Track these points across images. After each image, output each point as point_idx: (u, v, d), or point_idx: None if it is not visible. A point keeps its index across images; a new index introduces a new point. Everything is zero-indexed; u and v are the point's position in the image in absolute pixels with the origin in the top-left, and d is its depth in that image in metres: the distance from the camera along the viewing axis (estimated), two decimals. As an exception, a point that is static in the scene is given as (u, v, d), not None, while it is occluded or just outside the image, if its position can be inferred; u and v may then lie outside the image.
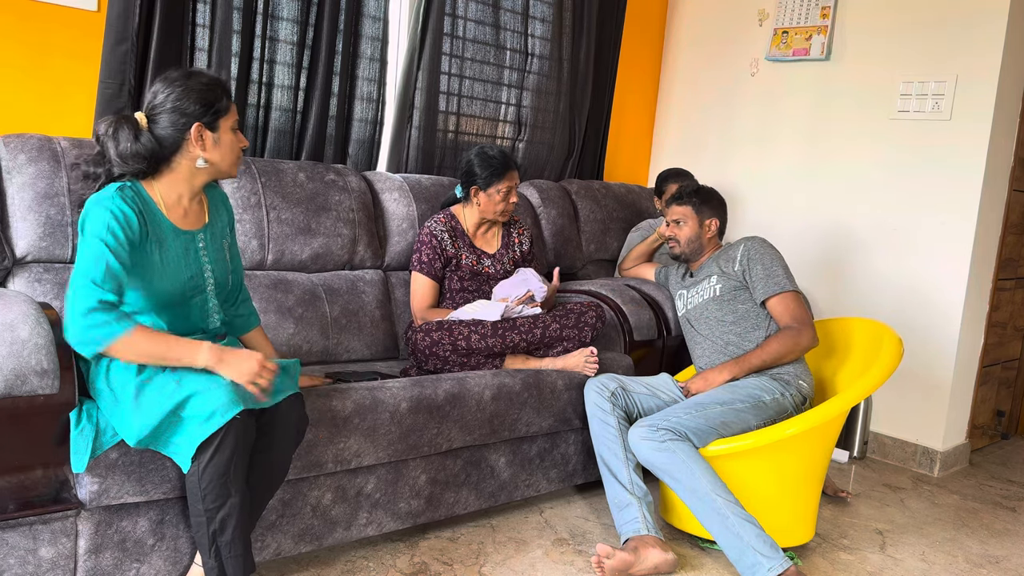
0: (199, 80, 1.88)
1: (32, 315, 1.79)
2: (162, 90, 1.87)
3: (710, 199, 2.86)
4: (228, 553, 1.80)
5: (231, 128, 1.93)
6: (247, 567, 1.83)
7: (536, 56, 3.77)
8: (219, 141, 1.91)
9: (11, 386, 1.70)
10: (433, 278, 2.84)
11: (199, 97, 1.86)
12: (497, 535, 2.56)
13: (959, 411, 3.60)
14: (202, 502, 1.77)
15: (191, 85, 1.87)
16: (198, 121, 1.86)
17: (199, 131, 1.87)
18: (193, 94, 1.86)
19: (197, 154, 1.89)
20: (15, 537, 1.74)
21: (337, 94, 3.12)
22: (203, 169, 1.92)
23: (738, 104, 4.13)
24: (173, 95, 1.86)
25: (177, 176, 1.92)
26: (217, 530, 1.78)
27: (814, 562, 2.57)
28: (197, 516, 1.79)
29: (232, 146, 1.94)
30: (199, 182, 1.95)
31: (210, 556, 1.80)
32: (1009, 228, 3.64)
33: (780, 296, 2.64)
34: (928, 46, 3.49)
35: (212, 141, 1.90)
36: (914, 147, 3.54)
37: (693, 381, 2.66)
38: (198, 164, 1.90)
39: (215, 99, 1.88)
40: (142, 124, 1.87)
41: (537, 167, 3.87)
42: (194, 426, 1.75)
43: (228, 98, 1.91)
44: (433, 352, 2.57)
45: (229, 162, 1.95)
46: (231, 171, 1.97)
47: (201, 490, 1.76)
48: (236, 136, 1.95)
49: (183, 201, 1.95)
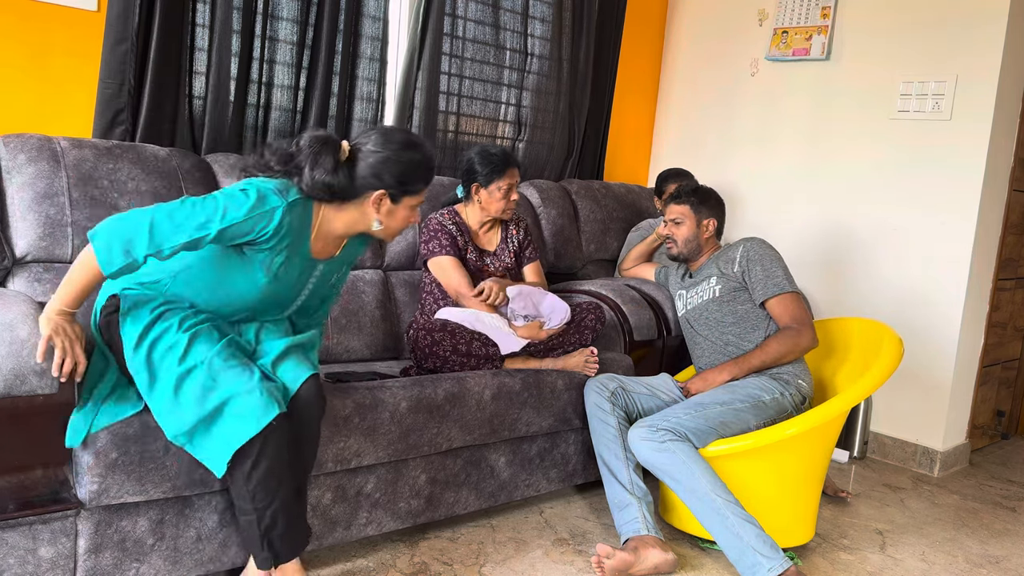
0: (411, 155, 1.93)
1: (32, 315, 1.79)
2: (377, 142, 1.92)
3: (708, 199, 2.86)
4: (280, 544, 1.87)
5: (412, 207, 1.99)
6: (299, 546, 1.91)
7: (536, 56, 3.77)
8: (393, 214, 1.97)
9: (11, 386, 1.70)
10: (459, 257, 2.82)
11: (400, 171, 1.92)
12: (497, 535, 2.56)
13: (959, 411, 3.60)
14: (251, 502, 1.83)
15: (401, 157, 1.91)
16: (385, 190, 1.91)
17: (380, 197, 1.92)
18: (397, 166, 1.91)
19: (370, 213, 1.94)
20: (15, 537, 1.74)
21: (337, 94, 3.12)
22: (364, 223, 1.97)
23: (738, 104, 4.13)
24: (382, 155, 1.90)
25: (343, 215, 1.95)
26: (269, 525, 1.84)
27: (814, 562, 2.57)
28: (246, 515, 1.84)
29: (403, 222, 2.00)
30: (357, 231, 2.00)
31: (263, 549, 1.86)
32: (1009, 228, 3.64)
33: (779, 297, 2.64)
34: (928, 46, 3.49)
35: (386, 210, 1.95)
36: (914, 147, 3.54)
37: (693, 382, 2.66)
38: (372, 227, 1.96)
39: (411, 180, 1.93)
40: (344, 155, 1.90)
41: (537, 167, 3.87)
42: (230, 431, 1.79)
43: (425, 182, 1.96)
44: (433, 352, 2.57)
45: (391, 233, 2.03)
46: (386, 238, 2.06)
47: (249, 492, 1.82)
48: (412, 213, 2.00)
49: (330, 237, 1.98)
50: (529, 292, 2.78)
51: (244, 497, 1.83)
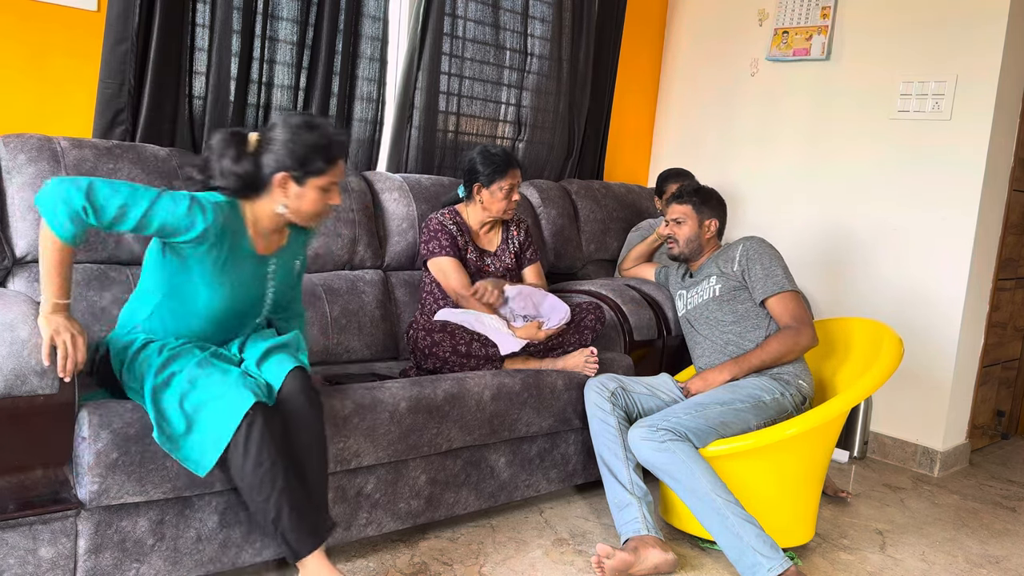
0: (312, 136, 1.95)
1: (32, 315, 1.79)
2: (277, 128, 1.96)
3: (710, 199, 2.86)
4: (292, 535, 1.88)
5: (320, 188, 1.98)
6: (316, 539, 1.91)
7: (536, 56, 3.77)
8: (303, 196, 1.97)
9: (11, 386, 1.70)
10: (458, 258, 2.83)
11: (299, 152, 1.93)
12: (497, 535, 2.56)
13: (959, 411, 3.60)
14: (251, 496, 1.86)
15: (302, 138, 1.94)
16: (286, 172, 1.94)
17: (283, 179, 1.95)
18: (295, 147, 1.93)
19: (279, 198, 1.97)
20: (15, 537, 1.74)
21: (337, 94, 3.12)
22: (281, 214, 1.99)
23: (738, 104, 4.13)
24: (281, 139, 1.94)
25: (264, 206, 2.00)
26: (275, 517, 1.86)
27: (814, 562, 2.57)
28: (255, 510, 1.88)
29: (314, 204, 1.99)
30: (283, 221, 2.03)
31: (280, 542, 1.90)
32: (1009, 228, 3.64)
33: (779, 296, 2.64)
34: (928, 46, 3.49)
35: (294, 193, 1.97)
36: (914, 147, 3.54)
37: (692, 382, 2.66)
38: (277, 209, 1.99)
39: (310, 160, 1.94)
40: (251, 146, 1.95)
41: (537, 167, 3.87)
42: (212, 433, 1.83)
43: (328, 161, 1.96)
44: (433, 352, 2.57)
45: (305, 218, 2.02)
46: (306, 223, 2.06)
47: (247, 487, 1.85)
48: (323, 195, 1.99)
49: (267, 231, 2.03)
50: (529, 292, 2.79)
51: (246, 492, 1.87)
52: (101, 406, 1.85)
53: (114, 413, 1.83)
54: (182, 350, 1.94)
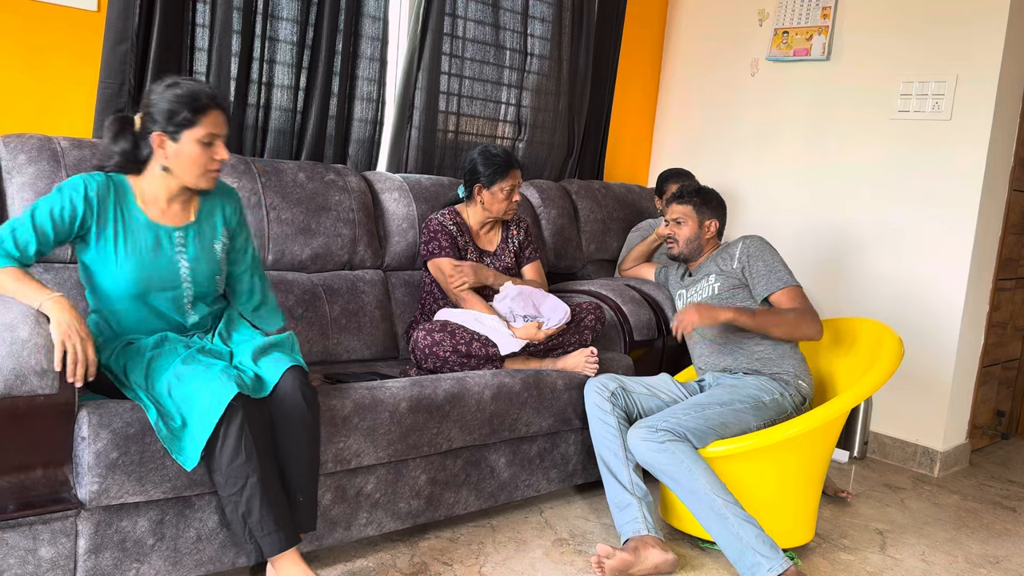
0: (175, 91, 1.94)
1: (32, 315, 1.79)
2: (150, 94, 1.97)
3: (710, 200, 2.86)
4: (261, 532, 1.88)
5: (198, 140, 1.94)
6: (286, 539, 1.90)
7: (536, 56, 3.77)
8: (180, 153, 1.95)
9: (11, 386, 1.70)
10: (457, 259, 2.82)
11: (164, 108, 1.93)
12: (497, 535, 2.56)
13: (959, 411, 3.60)
14: (224, 488, 1.86)
15: (164, 95, 1.94)
16: (160, 131, 1.93)
17: (160, 139, 1.94)
18: (161, 103, 1.93)
19: (160, 159, 1.97)
20: (15, 537, 1.74)
21: (337, 94, 3.12)
22: (168, 176, 1.99)
23: (738, 104, 4.13)
24: (147, 104, 1.96)
25: (152, 176, 2.00)
26: (245, 512, 1.86)
27: (814, 562, 2.57)
28: (226, 504, 1.88)
29: (195, 159, 1.96)
30: (174, 186, 2.01)
31: (247, 540, 1.90)
32: (1009, 228, 3.64)
33: (784, 291, 2.65)
34: (928, 46, 3.49)
35: (172, 151, 1.95)
36: (914, 147, 3.54)
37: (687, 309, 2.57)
38: (157, 170, 1.98)
39: (177, 111, 1.92)
40: (136, 125, 1.97)
41: (537, 167, 3.87)
42: (195, 430, 1.84)
43: (199, 112, 1.93)
44: (433, 352, 2.57)
45: (190, 175, 1.98)
46: (195, 183, 2.00)
47: (222, 478, 1.85)
48: (204, 149, 1.96)
49: (160, 201, 2.02)
50: (530, 293, 2.79)
51: (221, 485, 1.87)
52: (101, 406, 1.85)
53: (114, 413, 1.83)
54: (165, 349, 1.96)
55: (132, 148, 1.98)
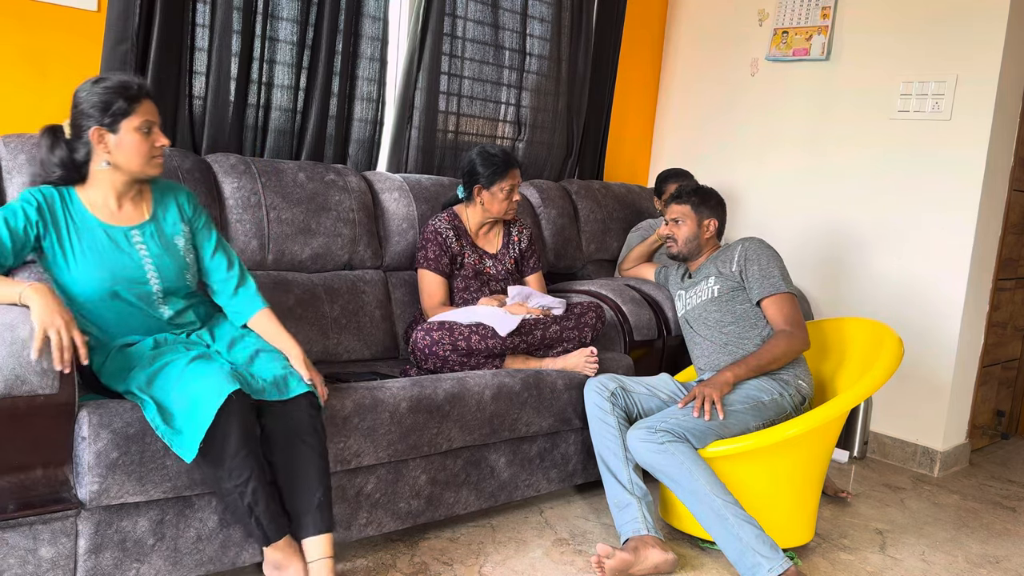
0: (102, 85, 1.95)
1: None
2: (76, 95, 1.97)
3: (709, 199, 2.86)
4: (267, 519, 1.90)
5: (136, 129, 1.96)
6: (286, 526, 1.95)
7: (535, 56, 3.77)
8: (121, 143, 1.96)
9: (11, 386, 1.71)
10: (441, 274, 2.84)
11: (97, 101, 1.94)
12: (497, 535, 2.56)
13: (959, 411, 3.60)
14: (228, 481, 1.86)
15: (94, 90, 1.95)
16: (97, 125, 1.93)
17: (98, 133, 1.94)
18: (93, 98, 1.94)
19: (101, 156, 1.96)
20: (15, 537, 1.74)
21: (337, 94, 3.12)
22: (113, 172, 1.99)
23: (738, 104, 4.13)
24: (77, 103, 1.96)
25: (96, 179, 2.00)
26: (252, 502, 1.88)
27: (814, 562, 2.57)
28: (229, 496, 1.88)
29: (137, 146, 1.97)
30: (119, 182, 2.01)
31: (255, 527, 1.91)
32: (1009, 228, 3.64)
33: (774, 298, 2.64)
34: (928, 46, 3.49)
35: (113, 143, 1.95)
36: (914, 147, 3.54)
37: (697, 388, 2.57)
38: (102, 165, 1.97)
39: (112, 102, 1.93)
40: (66, 133, 1.98)
41: (537, 167, 3.87)
42: (195, 420, 1.83)
43: (131, 101, 1.95)
44: (433, 351, 2.57)
45: (136, 163, 1.99)
46: (143, 171, 2.01)
47: (225, 471, 1.85)
48: (144, 136, 1.97)
49: (110, 202, 2.02)
50: (529, 293, 2.80)
51: (223, 478, 1.87)
52: (101, 406, 1.85)
53: (114, 413, 1.83)
54: (165, 350, 1.99)
55: (69, 154, 1.98)
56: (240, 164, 2.73)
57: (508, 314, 2.65)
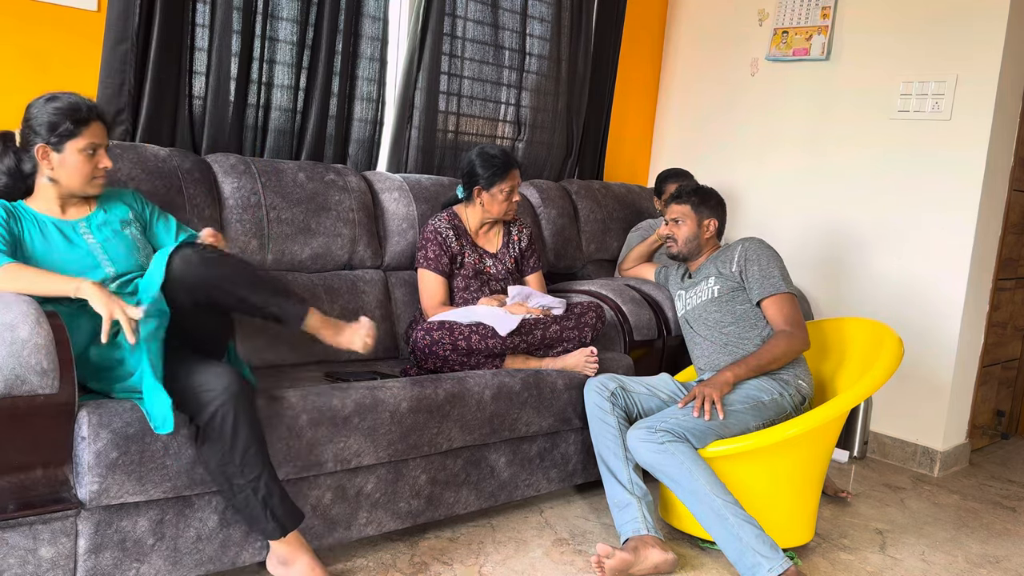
0: (55, 104, 2.01)
1: (32, 315, 1.79)
2: (29, 109, 2.03)
3: (709, 199, 2.86)
4: (282, 510, 1.96)
5: (80, 150, 2.02)
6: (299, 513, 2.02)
7: (535, 56, 3.77)
8: (64, 162, 2.02)
9: (11, 386, 1.71)
10: (441, 274, 2.83)
11: (46, 121, 2.00)
12: (497, 535, 2.56)
13: (959, 411, 3.60)
14: (241, 476, 1.89)
15: (45, 109, 2.01)
16: (43, 143, 2.00)
17: (43, 150, 2.01)
18: (43, 117, 2.00)
19: (45, 171, 2.03)
20: (15, 537, 1.74)
21: (337, 94, 3.12)
22: (55, 186, 2.05)
23: (738, 104, 4.13)
24: (27, 119, 2.02)
25: (42, 190, 2.07)
26: (266, 495, 1.92)
27: (814, 562, 2.57)
28: (241, 492, 1.91)
29: (79, 167, 2.03)
30: (64, 194, 2.08)
31: (269, 520, 1.95)
32: (1009, 228, 3.64)
33: (774, 298, 2.64)
34: (928, 46, 3.49)
35: (57, 161, 2.02)
36: (914, 147, 3.54)
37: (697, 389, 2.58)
38: (42, 181, 2.05)
39: (59, 123, 1.99)
40: (17, 140, 2.06)
41: (537, 167, 3.87)
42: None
43: (80, 123, 2.01)
44: (433, 351, 2.57)
45: (76, 182, 2.05)
46: (83, 189, 2.08)
47: (238, 467, 1.89)
48: (88, 158, 2.03)
49: (54, 208, 2.09)
50: (529, 293, 2.80)
51: (234, 473, 1.89)
52: (101, 406, 1.85)
53: (114, 413, 1.83)
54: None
55: (16, 164, 2.04)
56: (240, 164, 2.73)
57: (508, 314, 2.66)
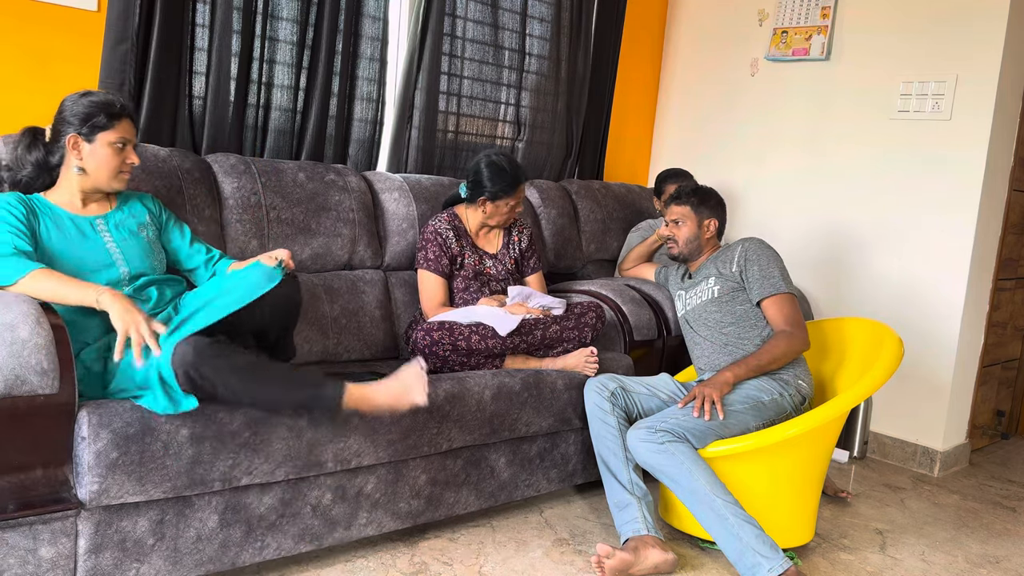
0: (88, 98, 2.08)
1: (32, 315, 1.79)
2: (63, 103, 2.09)
3: (709, 199, 2.86)
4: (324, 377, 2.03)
5: (111, 143, 2.08)
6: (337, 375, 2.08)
7: (535, 56, 3.77)
8: (94, 153, 2.08)
9: (11, 386, 1.71)
10: (441, 275, 2.84)
11: (80, 112, 2.06)
12: (497, 535, 2.56)
13: (959, 411, 3.60)
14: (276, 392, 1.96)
15: (80, 102, 2.07)
16: (75, 132, 2.06)
17: (74, 140, 2.06)
18: (77, 108, 2.06)
19: (73, 161, 2.08)
20: (15, 537, 1.74)
21: (337, 94, 3.12)
22: (82, 177, 2.09)
23: (738, 104, 4.13)
24: (61, 111, 2.08)
25: (65, 181, 2.11)
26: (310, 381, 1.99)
27: (814, 562, 2.57)
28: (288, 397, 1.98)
29: (108, 160, 2.09)
30: (88, 186, 2.11)
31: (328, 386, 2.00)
32: (1009, 228, 3.64)
33: (774, 298, 2.64)
34: (928, 46, 3.49)
35: (87, 152, 2.07)
36: (914, 147, 3.54)
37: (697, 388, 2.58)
38: (72, 170, 2.08)
39: (94, 115, 2.06)
40: (47, 135, 2.11)
41: (537, 167, 3.87)
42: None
43: (113, 118, 2.07)
44: (433, 352, 2.57)
45: (104, 174, 2.10)
46: (109, 183, 2.12)
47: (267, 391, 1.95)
48: (117, 152, 2.09)
49: (76, 201, 2.13)
50: (529, 293, 2.81)
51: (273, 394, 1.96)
52: (101, 406, 1.85)
53: (114, 413, 1.83)
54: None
55: (45, 156, 2.10)
56: (240, 164, 2.73)
57: (508, 314, 2.66)
